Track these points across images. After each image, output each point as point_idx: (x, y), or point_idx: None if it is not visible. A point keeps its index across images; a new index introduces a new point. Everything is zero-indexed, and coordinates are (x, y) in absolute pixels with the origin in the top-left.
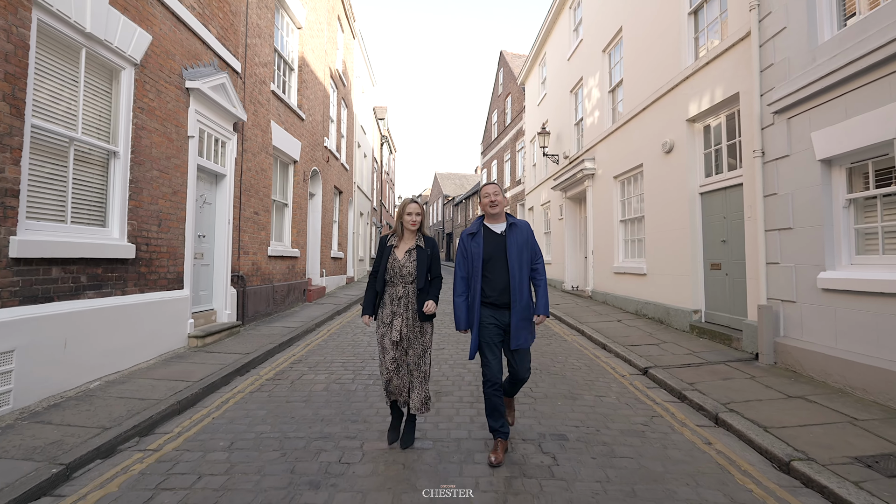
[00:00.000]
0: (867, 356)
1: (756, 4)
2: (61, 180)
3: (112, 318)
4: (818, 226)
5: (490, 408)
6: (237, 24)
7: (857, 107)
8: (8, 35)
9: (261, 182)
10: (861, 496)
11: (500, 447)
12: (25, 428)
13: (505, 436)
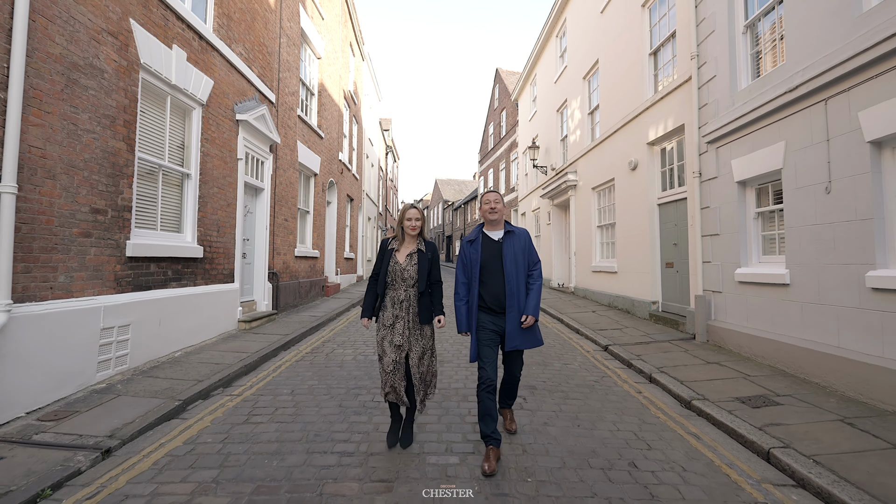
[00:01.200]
0: (765, 332)
1: (696, 55)
2: (154, 197)
3: (188, 303)
4: (736, 232)
5: (483, 411)
6: (272, 62)
7: (758, 143)
8: (125, 93)
9: (289, 193)
10: (730, 417)
11: (492, 455)
12: (142, 380)
13: (497, 443)
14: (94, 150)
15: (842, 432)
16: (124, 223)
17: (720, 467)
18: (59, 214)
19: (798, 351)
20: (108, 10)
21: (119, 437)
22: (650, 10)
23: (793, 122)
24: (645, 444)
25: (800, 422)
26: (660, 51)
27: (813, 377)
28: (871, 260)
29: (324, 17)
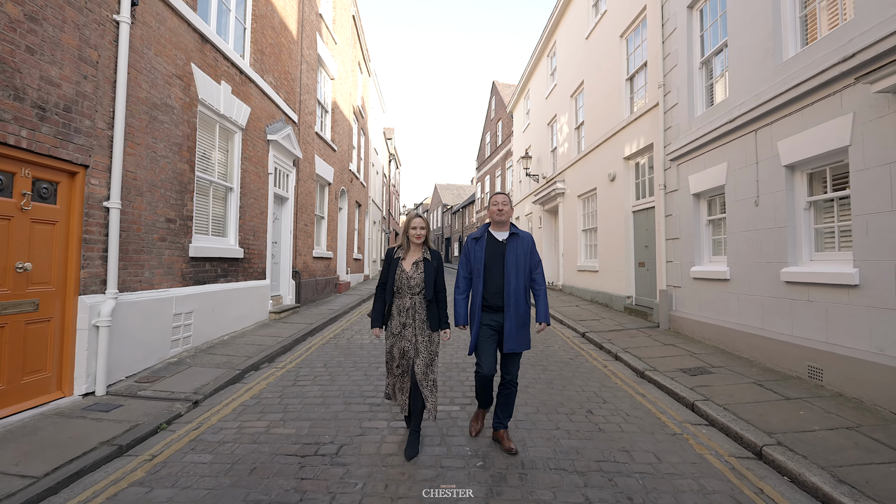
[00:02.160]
0: (712, 318)
1: (662, 84)
2: (206, 208)
3: (232, 296)
4: (692, 236)
5: (479, 390)
6: (295, 87)
7: (709, 162)
8: (188, 124)
9: (308, 201)
10: (671, 382)
11: (479, 416)
12: (203, 356)
13: (486, 406)
14: (167, 171)
15: (751, 390)
16: (187, 230)
17: (655, 414)
18: (144, 224)
19: (734, 333)
20: (176, 58)
21: (202, 393)
22: (627, 40)
23: (733, 147)
24: (602, 399)
25: (723, 384)
26: (635, 77)
27: (744, 353)
28: (784, 259)
29: (336, 41)
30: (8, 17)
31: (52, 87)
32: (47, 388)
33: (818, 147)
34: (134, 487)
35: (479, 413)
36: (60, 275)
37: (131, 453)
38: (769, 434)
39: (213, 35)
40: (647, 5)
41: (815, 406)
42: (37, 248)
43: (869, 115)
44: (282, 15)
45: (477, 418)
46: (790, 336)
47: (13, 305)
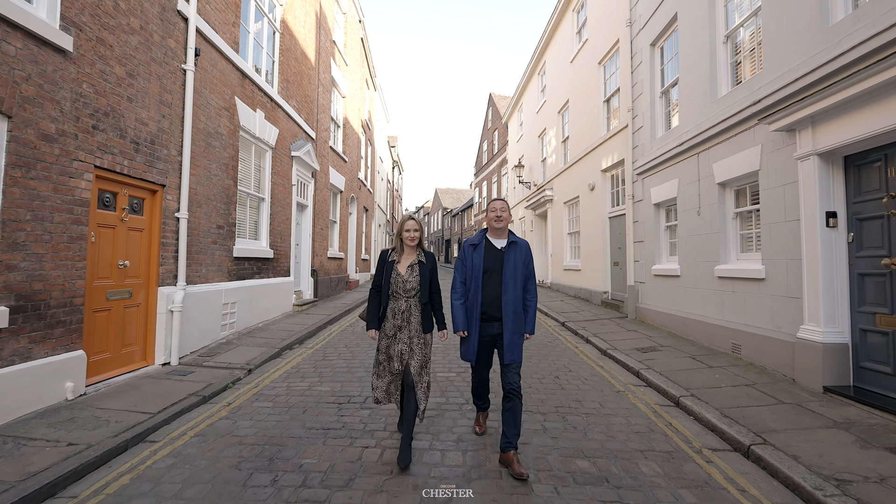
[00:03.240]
0: (667, 308)
1: (631, 108)
2: (244, 215)
3: (264, 290)
4: (654, 240)
5: (475, 392)
6: (313, 107)
7: (665, 178)
8: (232, 147)
9: (324, 208)
10: (625, 357)
11: (482, 419)
12: (246, 338)
13: (485, 409)
14: (217, 186)
15: (685, 362)
16: (232, 234)
17: (607, 379)
18: (202, 230)
19: (683, 320)
20: (224, 94)
21: (252, 364)
22: (604, 66)
23: (682, 166)
24: (568, 370)
25: (665, 358)
26: (611, 99)
27: (689, 336)
28: (717, 258)
29: (347, 63)
30: (116, 76)
31: (143, 126)
32: (137, 358)
33: (740, 170)
34: (223, 421)
35: (481, 416)
36: (145, 270)
37: (212, 402)
38: (686, 389)
39: (251, 71)
40: (619, 39)
41: (729, 371)
42: (131, 250)
43: (771, 147)
44: (302, 46)
45: (479, 421)
46: (720, 320)
47: (117, 293)
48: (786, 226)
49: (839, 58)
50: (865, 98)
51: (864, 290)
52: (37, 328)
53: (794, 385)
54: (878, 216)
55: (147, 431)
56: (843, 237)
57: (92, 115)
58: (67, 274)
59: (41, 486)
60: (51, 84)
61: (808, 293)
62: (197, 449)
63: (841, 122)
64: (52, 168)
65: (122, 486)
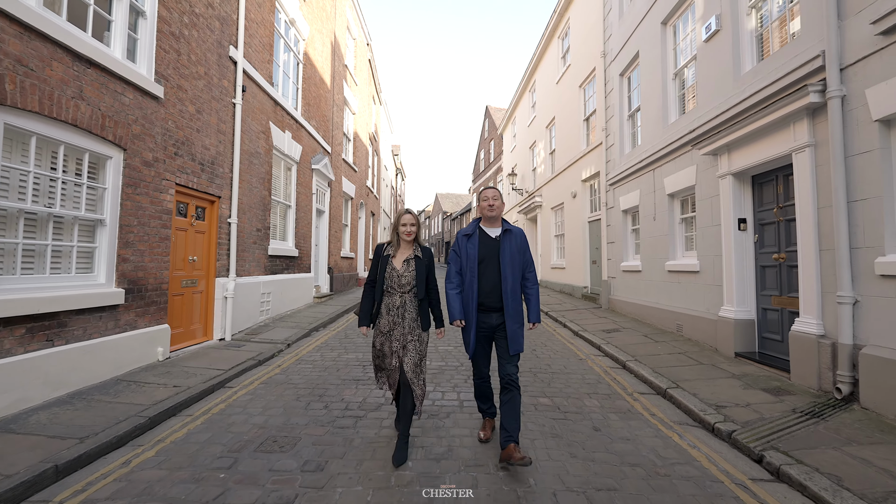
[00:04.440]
0: (632, 299)
1: (604, 128)
2: (275, 220)
3: (291, 284)
4: (622, 241)
5: (478, 393)
6: (329, 125)
7: (630, 189)
8: (267, 164)
9: (338, 213)
10: (592, 336)
11: (487, 425)
12: (279, 322)
13: (493, 415)
14: (257, 197)
15: (638, 339)
16: (267, 236)
17: (575, 351)
18: (246, 232)
19: (643, 307)
20: (262, 119)
21: (290, 341)
22: (584, 89)
23: (643, 179)
24: (544, 345)
25: (623, 337)
26: (589, 118)
27: (646, 320)
28: (667, 256)
29: (357, 83)
30: (189, 113)
31: (206, 150)
32: (199, 334)
33: (682, 184)
34: (277, 375)
35: (487, 422)
36: (206, 264)
37: (266, 364)
38: (633, 357)
39: (281, 98)
40: (595, 67)
41: (670, 345)
42: (197, 248)
43: (703, 167)
44: (321, 73)
45: (485, 427)
46: (669, 306)
47: (188, 282)
48: (712, 229)
49: (744, 101)
50: (760, 133)
51: (764, 278)
52: (139, 305)
53: (716, 353)
54: (772, 222)
55: (224, 381)
56: (751, 238)
57: (174, 145)
58: (158, 266)
59: (166, 409)
60: (149, 123)
61: (726, 281)
62: (265, 390)
63: (747, 150)
64: (149, 186)
65: (221, 410)
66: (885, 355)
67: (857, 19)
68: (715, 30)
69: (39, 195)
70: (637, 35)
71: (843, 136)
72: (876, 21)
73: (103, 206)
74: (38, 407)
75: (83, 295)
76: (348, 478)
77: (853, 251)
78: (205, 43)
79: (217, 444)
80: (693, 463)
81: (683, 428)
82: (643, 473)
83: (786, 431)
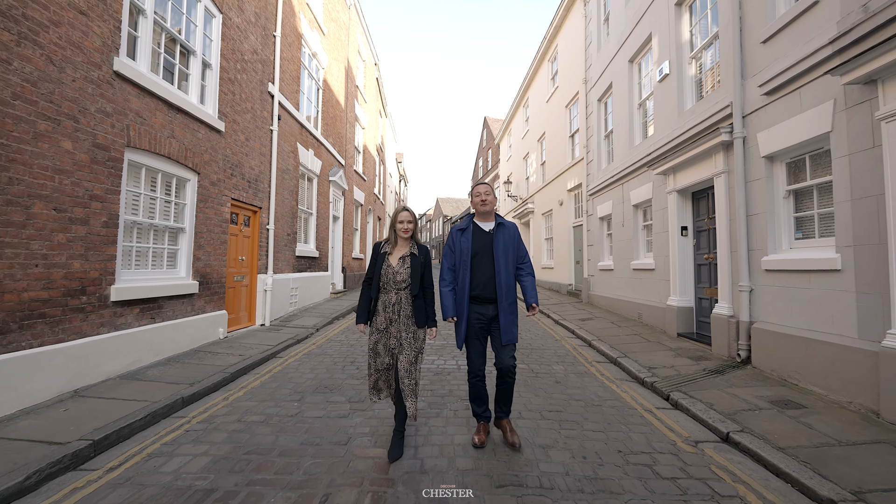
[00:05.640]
0: (606, 293)
1: (585, 146)
2: (300, 226)
3: (313, 280)
4: (599, 244)
5: (474, 395)
6: (343, 141)
7: (605, 199)
8: (295, 178)
9: (350, 219)
10: (569, 323)
11: (482, 429)
12: (306, 313)
13: (487, 419)
14: (287, 207)
15: (606, 325)
16: (295, 239)
17: (552, 335)
18: (280, 237)
19: (614, 300)
20: (291, 141)
21: (317, 327)
22: (569, 109)
23: (615, 191)
24: (527, 330)
25: (594, 323)
26: (574, 135)
27: (616, 311)
28: (632, 256)
29: (366, 101)
30: (241, 141)
31: (251, 170)
32: (244, 320)
33: (643, 197)
34: (315, 350)
35: (481, 426)
36: (251, 263)
37: (302, 342)
38: (597, 337)
39: (305, 121)
40: (578, 91)
41: (629, 328)
42: (244, 250)
43: (656, 184)
44: (336, 95)
45: (479, 431)
46: (633, 298)
47: (239, 277)
48: (663, 234)
49: (685, 133)
50: (694, 160)
51: (699, 274)
52: (207, 295)
53: (663, 334)
54: (705, 229)
55: (275, 353)
56: (691, 242)
57: (230, 167)
58: (219, 263)
59: (240, 368)
60: (214, 151)
61: (672, 277)
62: (308, 359)
63: (686, 172)
64: (214, 200)
65: (280, 370)
66: (768, 328)
67: (752, 80)
68: (666, 73)
69: (146, 210)
70: (610, 68)
71: (744, 166)
72: (761, 85)
73: (184, 217)
74: (148, 366)
75: (172, 285)
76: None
77: (750, 252)
78: (251, 83)
79: (286, 389)
80: (620, 399)
81: (622, 382)
82: (583, 405)
83: (691, 382)
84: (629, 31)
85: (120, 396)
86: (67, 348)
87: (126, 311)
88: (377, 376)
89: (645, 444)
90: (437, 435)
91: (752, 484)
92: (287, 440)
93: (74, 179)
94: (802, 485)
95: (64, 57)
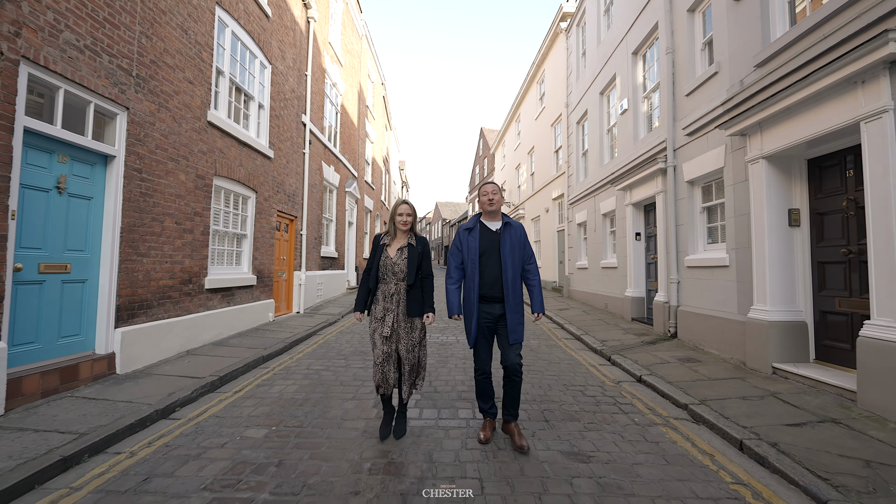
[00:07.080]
0: (583, 288)
1: (566, 160)
2: (324, 231)
3: (334, 277)
4: (577, 246)
5: (480, 391)
6: (356, 156)
7: (581, 208)
8: (320, 191)
9: (361, 224)
10: (553, 314)
11: (488, 426)
12: (329, 304)
13: (493, 416)
14: (315, 215)
15: (578, 313)
16: (320, 242)
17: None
18: (310, 240)
19: (588, 294)
20: (317, 160)
21: (341, 314)
22: (554, 128)
23: (589, 202)
24: None
25: (569, 312)
26: (558, 151)
27: (590, 303)
28: (601, 257)
29: (375, 118)
30: (283, 163)
31: (290, 187)
32: (284, 308)
33: (609, 207)
34: (346, 329)
35: (487, 423)
36: (289, 262)
37: (333, 325)
38: (568, 321)
39: (327, 142)
40: (561, 113)
41: (596, 316)
42: (284, 251)
43: (618, 198)
44: (351, 116)
45: (485, 427)
46: (602, 291)
47: (281, 273)
48: (623, 239)
49: (638, 158)
50: (642, 180)
51: (649, 271)
52: (261, 286)
53: (621, 319)
54: (652, 234)
55: (315, 332)
56: (643, 245)
57: (276, 186)
58: (268, 262)
59: (294, 340)
60: (266, 174)
61: (628, 273)
62: (341, 336)
63: (638, 189)
64: (266, 213)
65: (324, 342)
66: (688, 310)
67: (679, 123)
68: (625, 108)
69: (223, 221)
70: (586, 97)
71: (674, 188)
72: (685, 127)
73: (246, 226)
74: (228, 337)
75: (240, 278)
76: None
77: (678, 253)
78: (290, 116)
79: (332, 352)
80: (574, 360)
81: (580, 351)
82: (546, 362)
83: (630, 349)
84: (600, 68)
85: (219, 355)
86: (182, 321)
87: (213, 297)
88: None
89: (583, 382)
90: (443, 377)
91: (644, 399)
92: (343, 377)
93: (186, 201)
94: (674, 399)
95: (181, 115)
